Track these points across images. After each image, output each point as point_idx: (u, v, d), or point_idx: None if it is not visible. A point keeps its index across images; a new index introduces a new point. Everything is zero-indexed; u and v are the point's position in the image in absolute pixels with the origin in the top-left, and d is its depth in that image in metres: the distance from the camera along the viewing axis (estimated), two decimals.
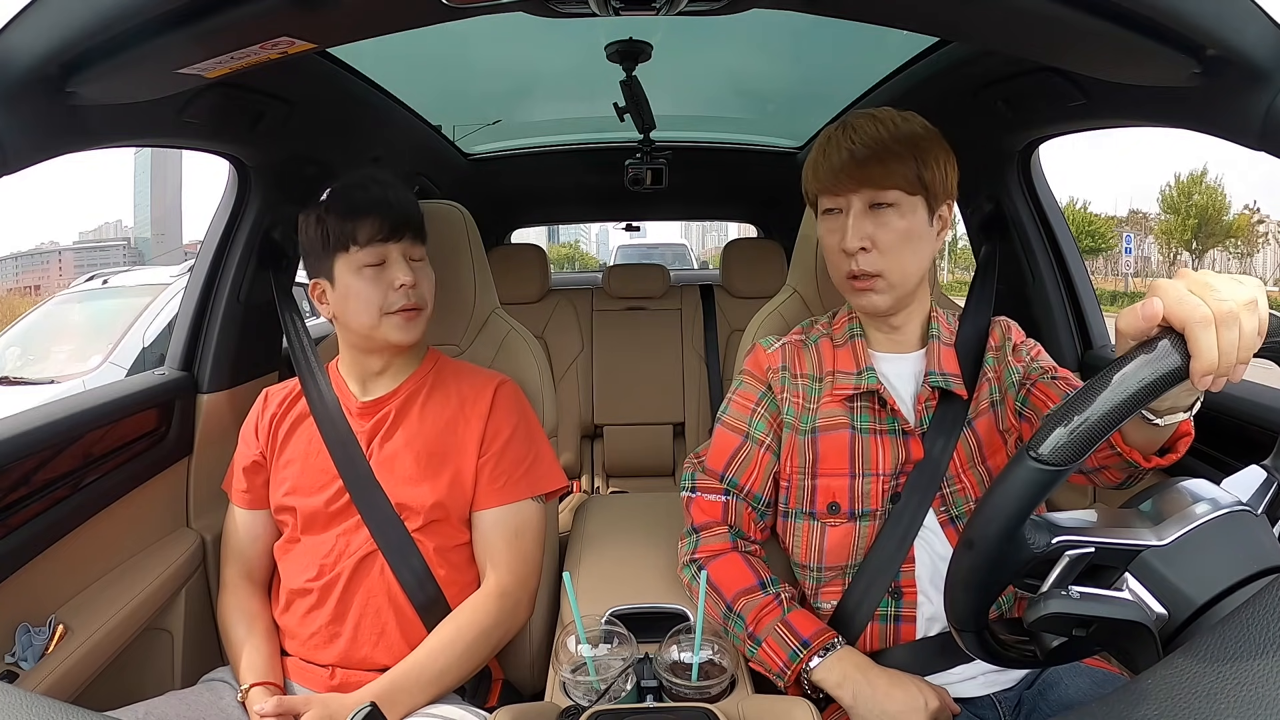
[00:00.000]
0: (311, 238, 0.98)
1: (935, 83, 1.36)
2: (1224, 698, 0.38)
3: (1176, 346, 0.49)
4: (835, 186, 0.87)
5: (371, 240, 0.95)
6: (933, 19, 0.79)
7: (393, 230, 0.96)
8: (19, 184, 22.17)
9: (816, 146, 0.90)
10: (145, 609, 1.05)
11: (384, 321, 0.96)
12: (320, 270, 0.99)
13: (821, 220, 0.91)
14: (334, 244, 0.96)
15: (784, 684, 0.84)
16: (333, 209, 0.97)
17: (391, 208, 0.97)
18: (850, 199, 0.86)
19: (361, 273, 0.96)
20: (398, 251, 0.97)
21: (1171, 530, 0.53)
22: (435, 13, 0.70)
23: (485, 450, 1.00)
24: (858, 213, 0.85)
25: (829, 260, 0.91)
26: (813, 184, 0.90)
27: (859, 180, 0.85)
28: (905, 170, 0.84)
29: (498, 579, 0.97)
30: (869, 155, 0.84)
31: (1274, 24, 0.62)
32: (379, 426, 1.01)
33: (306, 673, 0.95)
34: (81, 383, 3.49)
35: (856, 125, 0.86)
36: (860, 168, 0.84)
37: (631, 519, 1.11)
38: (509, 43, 1.46)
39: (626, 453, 2.34)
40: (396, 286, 0.96)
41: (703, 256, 24.37)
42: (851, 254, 0.86)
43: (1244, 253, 32.36)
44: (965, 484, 0.88)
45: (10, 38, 0.63)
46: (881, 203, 0.85)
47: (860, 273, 0.86)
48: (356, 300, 0.96)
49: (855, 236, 0.85)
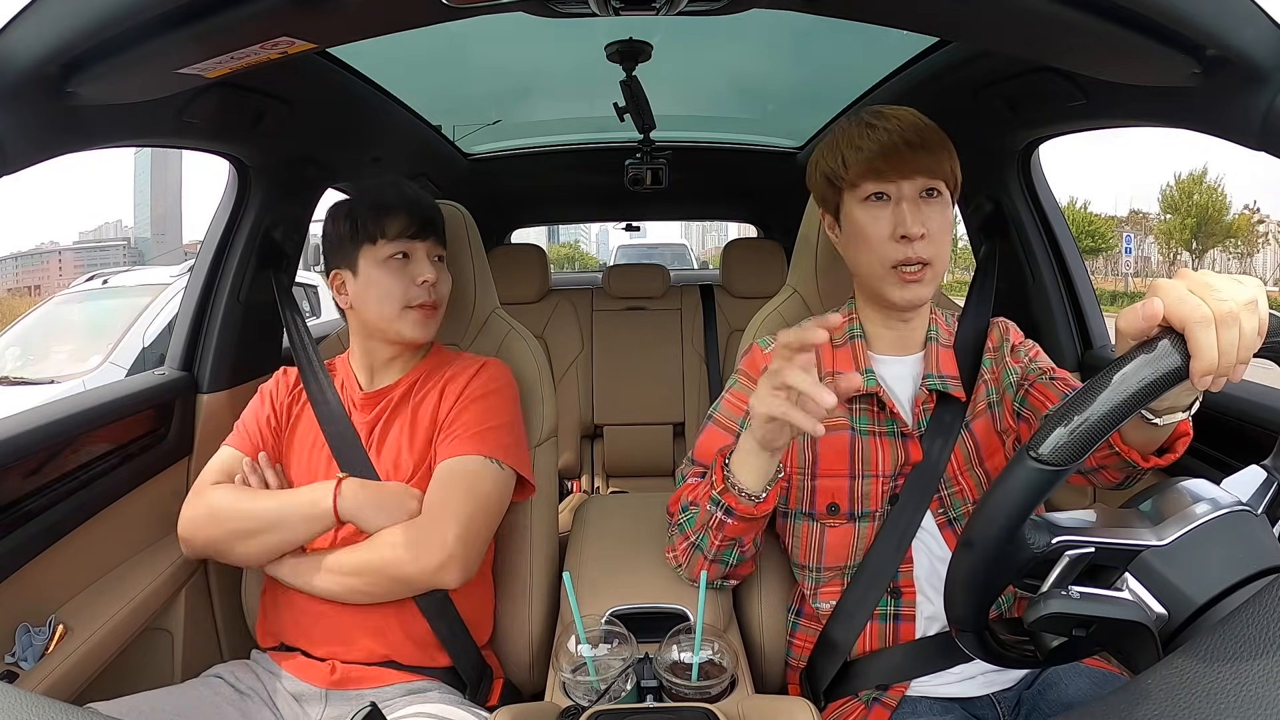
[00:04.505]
0: (339, 230, 1.02)
1: (935, 83, 1.36)
2: (1224, 698, 0.38)
3: (1176, 346, 0.49)
4: (886, 170, 0.84)
5: (400, 235, 0.99)
6: (933, 19, 0.79)
7: (421, 228, 1.01)
8: (19, 184, 22.19)
9: (840, 135, 0.88)
10: (145, 609, 1.05)
11: (403, 316, 0.99)
12: (343, 261, 1.02)
13: (863, 207, 0.86)
14: (362, 236, 0.99)
15: (743, 504, 0.78)
16: (363, 203, 1.01)
17: (421, 206, 1.02)
18: (901, 185, 0.84)
19: (387, 264, 0.99)
20: (423, 249, 1.01)
21: (1171, 530, 0.53)
22: (435, 13, 0.70)
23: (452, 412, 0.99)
24: (912, 198, 0.84)
25: (869, 249, 0.86)
26: (851, 165, 0.85)
27: (914, 166, 0.83)
28: (946, 161, 0.85)
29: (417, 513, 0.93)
30: (920, 142, 0.83)
31: (1274, 24, 0.62)
32: (378, 418, 1.02)
33: (308, 668, 0.96)
34: (81, 383, 3.49)
35: (893, 114, 0.85)
36: (914, 153, 0.83)
37: (632, 519, 1.11)
38: (509, 43, 1.46)
39: (626, 453, 2.34)
40: (419, 282, 0.99)
41: (703, 256, 24.36)
42: (913, 240, 0.83)
43: (1244, 253, 32.36)
44: (963, 486, 0.88)
45: (10, 38, 0.63)
46: (933, 189, 0.85)
47: (916, 259, 0.84)
48: (379, 291, 0.99)
49: (917, 222, 0.83)
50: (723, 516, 0.79)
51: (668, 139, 2.13)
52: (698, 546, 0.85)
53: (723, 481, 0.79)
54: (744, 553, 0.86)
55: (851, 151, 0.86)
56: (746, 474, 0.77)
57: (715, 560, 0.85)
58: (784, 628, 0.97)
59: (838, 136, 0.88)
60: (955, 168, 0.86)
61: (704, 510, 0.82)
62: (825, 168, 0.90)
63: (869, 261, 0.87)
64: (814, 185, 0.94)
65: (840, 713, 0.87)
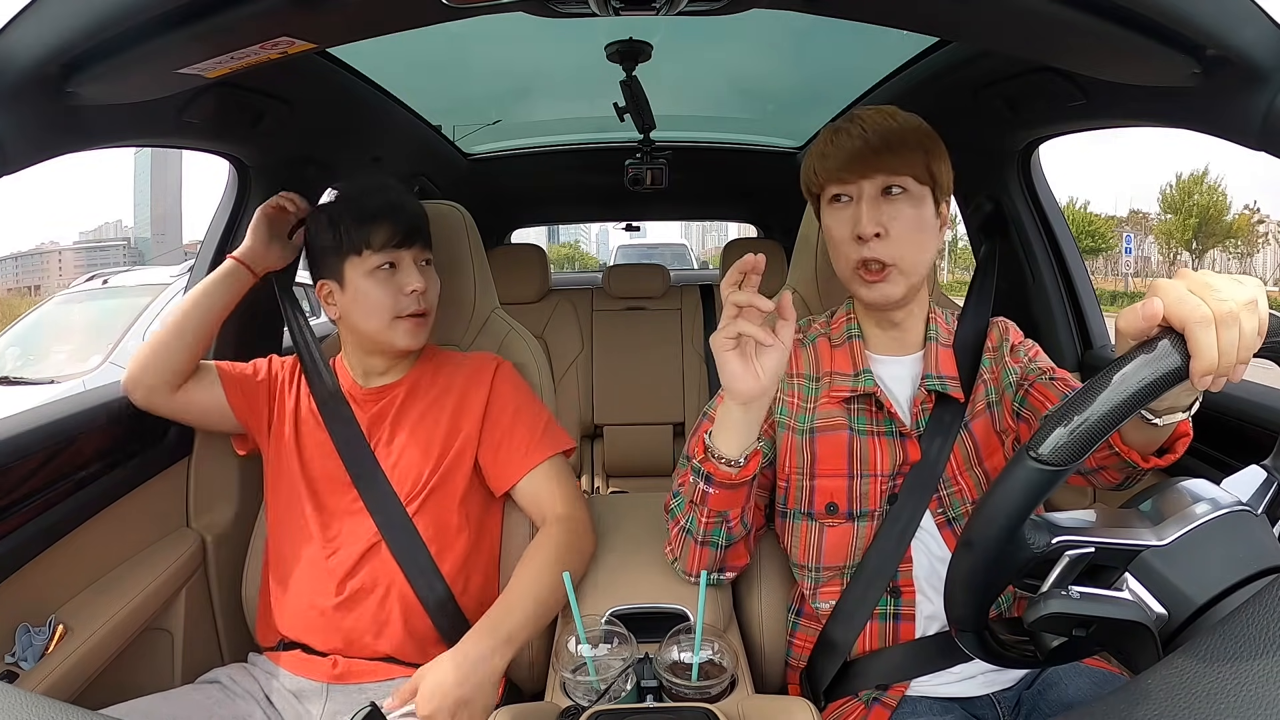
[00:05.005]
0: (323, 240, 1.00)
1: (935, 83, 1.36)
2: (1224, 698, 0.38)
3: (1176, 346, 0.49)
4: (846, 172, 0.85)
5: (386, 245, 0.97)
6: (933, 19, 0.79)
7: (406, 236, 0.98)
8: (19, 184, 22.19)
9: (821, 139, 0.89)
10: (145, 609, 1.05)
11: (394, 326, 0.98)
12: (329, 272, 1.00)
13: (828, 211, 0.89)
14: (346, 247, 0.97)
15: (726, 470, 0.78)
16: (346, 213, 0.98)
17: (406, 213, 0.99)
18: (861, 185, 0.85)
19: (374, 275, 0.97)
20: (410, 257, 0.99)
21: (1171, 530, 0.53)
22: (435, 13, 0.70)
23: (494, 424, 1.02)
24: (870, 198, 0.85)
25: (836, 252, 0.89)
26: (820, 174, 0.88)
27: (873, 166, 0.84)
28: (917, 159, 0.85)
29: (553, 511, 0.98)
30: (882, 143, 0.84)
31: (1274, 24, 0.62)
32: (384, 413, 1.03)
33: (308, 664, 0.96)
34: (81, 383, 3.48)
35: (865, 116, 0.86)
36: (874, 154, 0.83)
37: (631, 519, 1.10)
38: (509, 43, 1.46)
39: (626, 453, 2.34)
40: (408, 291, 0.98)
41: (703, 256, 24.38)
42: (866, 240, 0.84)
43: (1244, 253, 32.36)
44: (962, 486, 0.88)
45: (10, 38, 0.63)
46: (894, 187, 0.85)
47: (873, 260, 0.84)
48: (367, 303, 0.97)
49: (870, 221, 0.83)
50: (705, 487, 0.80)
51: (668, 139, 2.14)
52: (688, 530, 0.86)
53: (703, 451, 0.79)
54: (731, 531, 0.85)
55: (819, 159, 0.88)
56: (724, 441, 0.77)
57: (705, 543, 0.85)
58: (784, 628, 0.97)
59: (822, 137, 0.90)
60: (934, 163, 0.85)
61: (688, 485, 0.83)
62: (804, 178, 0.93)
63: (839, 263, 0.90)
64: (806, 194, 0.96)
65: (840, 713, 0.87)
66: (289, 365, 1.11)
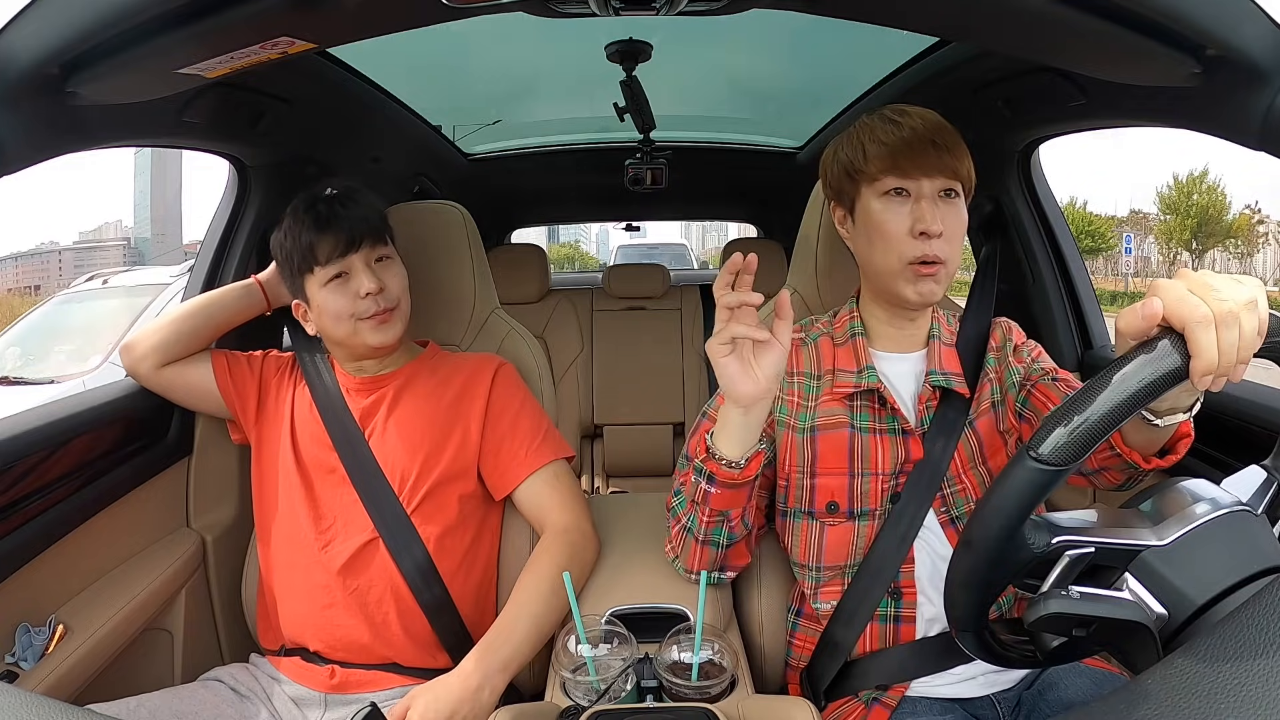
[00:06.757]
0: (283, 270, 1.03)
1: (935, 83, 1.36)
2: (1224, 698, 0.38)
3: (1176, 346, 0.49)
4: (908, 166, 0.84)
5: (331, 258, 0.98)
6: (933, 19, 0.79)
7: (349, 243, 0.98)
8: (19, 184, 22.17)
9: (861, 128, 0.88)
10: (145, 609, 1.05)
11: (359, 328, 0.99)
12: (297, 293, 1.03)
13: (882, 202, 0.86)
14: (299, 267, 0.99)
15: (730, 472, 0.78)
16: (290, 234, 0.99)
17: (345, 219, 0.98)
18: (922, 183, 0.84)
19: (328, 287, 0.99)
20: (360, 260, 0.99)
21: (1171, 530, 0.53)
22: (435, 13, 0.70)
23: (494, 426, 1.03)
24: (932, 196, 0.84)
25: (886, 244, 0.86)
26: (873, 160, 0.85)
27: (936, 165, 0.83)
28: (966, 165, 0.85)
29: (554, 520, 0.99)
30: (943, 143, 0.83)
31: (1274, 24, 0.62)
32: (378, 404, 1.03)
33: (307, 672, 0.96)
34: (81, 383, 3.48)
35: (917, 113, 0.85)
36: (937, 152, 0.83)
37: (631, 519, 1.10)
38: (509, 43, 1.46)
39: (626, 453, 2.34)
40: (363, 295, 0.98)
41: (703, 256, 24.35)
42: (932, 237, 0.83)
43: (1244, 253, 32.33)
44: (966, 484, 0.88)
45: (10, 38, 0.63)
46: (952, 190, 0.85)
47: (933, 258, 0.84)
48: (328, 313, 0.99)
49: (936, 220, 0.83)
50: (706, 486, 0.79)
51: (668, 139, 2.14)
52: (688, 529, 0.85)
53: (705, 450, 0.79)
54: (733, 530, 0.84)
55: (873, 144, 0.86)
56: (726, 444, 0.77)
57: (706, 542, 0.85)
58: (784, 628, 0.97)
59: (859, 129, 0.88)
60: (971, 172, 0.86)
61: (689, 484, 0.82)
62: (844, 158, 0.89)
63: (884, 257, 0.87)
64: (830, 177, 0.93)
65: (840, 713, 0.87)
66: (286, 360, 1.11)
